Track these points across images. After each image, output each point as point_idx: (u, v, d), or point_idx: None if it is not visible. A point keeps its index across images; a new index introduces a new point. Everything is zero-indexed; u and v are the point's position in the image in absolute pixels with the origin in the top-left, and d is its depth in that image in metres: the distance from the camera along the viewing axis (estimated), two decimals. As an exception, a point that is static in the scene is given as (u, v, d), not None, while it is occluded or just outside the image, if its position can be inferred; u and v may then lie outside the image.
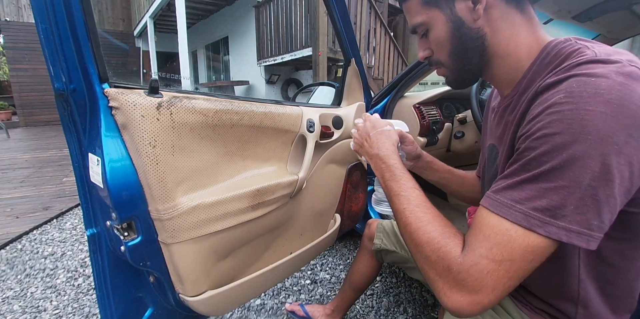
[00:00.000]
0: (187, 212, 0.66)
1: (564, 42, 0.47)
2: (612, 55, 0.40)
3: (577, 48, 0.44)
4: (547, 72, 0.46)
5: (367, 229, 1.05)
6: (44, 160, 3.94)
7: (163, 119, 0.62)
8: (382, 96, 1.41)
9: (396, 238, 0.96)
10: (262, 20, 5.47)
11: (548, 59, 0.47)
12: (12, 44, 7.24)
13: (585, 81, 0.38)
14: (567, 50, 0.45)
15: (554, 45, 0.48)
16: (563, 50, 0.46)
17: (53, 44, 0.55)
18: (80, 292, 1.45)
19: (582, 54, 0.43)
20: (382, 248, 0.98)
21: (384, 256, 1.00)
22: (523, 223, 0.39)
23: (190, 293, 0.73)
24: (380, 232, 1.00)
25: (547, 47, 0.49)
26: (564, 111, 0.38)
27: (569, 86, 0.39)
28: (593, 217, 0.37)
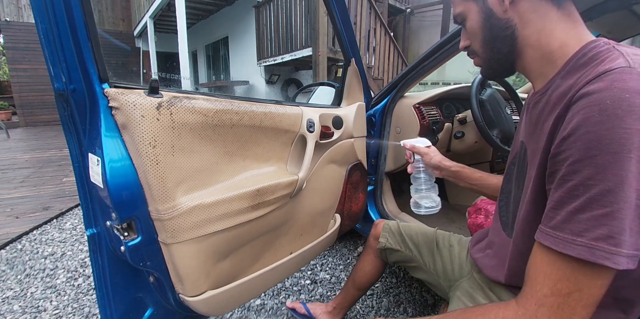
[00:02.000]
0: (187, 213, 0.66)
1: (601, 45, 0.46)
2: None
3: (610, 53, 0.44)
4: (580, 75, 0.45)
5: (373, 229, 1.06)
6: (44, 160, 3.94)
7: (163, 119, 0.62)
8: (382, 96, 1.41)
9: (401, 238, 0.98)
10: (262, 20, 5.47)
11: (583, 60, 0.47)
12: (12, 44, 7.23)
13: (619, 97, 0.37)
14: (600, 54, 0.45)
15: (592, 46, 0.47)
16: (596, 54, 0.45)
17: (53, 44, 0.55)
18: (80, 292, 1.45)
19: (611, 60, 0.42)
20: (387, 247, 0.98)
21: (388, 255, 1.01)
22: (589, 257, 0.37)
23: (190, 293, 0.73)
24: (385, 232, 1.01)
25: (585, 47, 0.48)
26: (600, 130, 0.37)
27: (603, 101, 0.38)
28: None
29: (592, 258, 0.37)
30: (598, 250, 0.37)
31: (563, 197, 0.40)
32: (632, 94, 0.37)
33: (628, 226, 0.36)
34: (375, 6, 4.68)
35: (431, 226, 1.01)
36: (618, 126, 0.36)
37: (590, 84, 0.41)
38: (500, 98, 1.47)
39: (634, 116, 0.36)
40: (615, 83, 0.38)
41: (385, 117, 1.39)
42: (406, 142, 0.93)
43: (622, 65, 0.40)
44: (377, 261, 1.04)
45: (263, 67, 5.90)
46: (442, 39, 1.14)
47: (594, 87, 0.40)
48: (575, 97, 0.42)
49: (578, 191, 0.39)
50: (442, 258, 0.88)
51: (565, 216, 0.40)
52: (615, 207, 0.36)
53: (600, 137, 0.37)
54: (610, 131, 0.37)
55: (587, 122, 0.38)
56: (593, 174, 0.37)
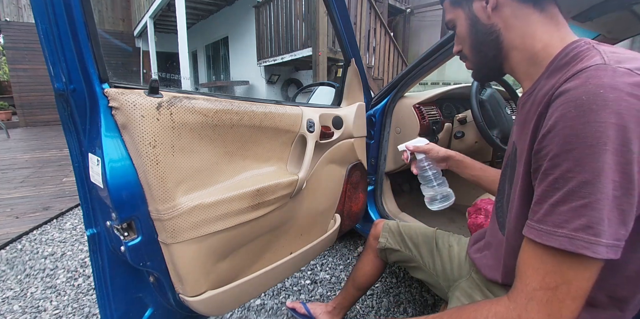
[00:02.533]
0: (187, 213, 0.66)
1: (582, 44, 0.48)
2: (622, 62, 0.41)
3: (589, 52, 0.45)
4: (561, 74, 0.46)
5: (373, 228, 1.06)
6: (44, 160, 3.94)
7: (163, 119, 0.62)
8: (382, 96, 1.41)
9: (401, 237, 0.98)
10: (262, 21, 5.47)
11: (565, 60, 0.48)
12: (12, 44, 7.23)
13: (594, 93, 0.38)
14: (580, 54, 0.46)
15: (574, 47, 0.49)
16: (577, 53, 0.47)
17: (53, 44, 0.55)
18: (80, 292, 1.45)
19: (589, 58, 0.44)
20: (387, 247, 0.99)
21: (388, 255, 1.01)
22: (569, 247, 0.38)
23: (190, 293, 0.73)
24: (385, 232, 1.01)
25: (567, 47, 0.50)
26: (576, 125, 0.39)
27: (579, 97, 0.39)
28: (620, 228, 0.38)
29: (572, 248, 0.38)
30: (577, 240, 0.38)
31: (545, 191, 0.42)
32: (606, 90, 0.38)
33: (606, 217, 0.37)
34: (375, 6, 4.68)
35: (431, 226, 1.01)
36: (593, 120, 0.37)
37: (567, 82, 0.42)
38: (500, 98, 1.47)
39: (608, 110, 0.37)
40: (590, 80, 0.40)
41: (385, 117, 1.39)
42: (407, 144, 0.94)
43: (597, 62, 0.42)
44: (377, 261, 1.04)
45: (263, 67, 5.90)
46: (442, 39, 1.14)
47: (570, 84, 0.41)
48: (555, 95, 0.43)
49: (558, 184, 0.40)
50: (441, 258, 0.88)
51: (547, 208, 0.41)
52: (593, 198, 0.37)
53: (577, 132, 0.38)
54: (586, 125, 0.38)
55: (564, 118, 0.40)
56: (571, 167, 0.39)
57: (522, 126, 0.55)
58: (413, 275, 0.98)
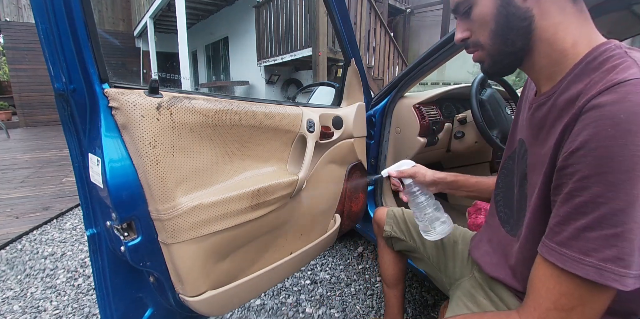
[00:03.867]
0: (187, 213, 0.66)
1: (613, 48, 0.44)
2: None
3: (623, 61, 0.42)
4: (589, 80, 0.43)
5: (375, 215, 1.04)
6: (44, 160, 3.94)
7: (163, 119, 0.62)
8: (382, 96, 1.41)
9: (405, 226, 0.96)
10: (262, 21, 5.47)
11: (594, 64, 0.44)
12: (12, 44, 7.23)
13: (634, 112, 0.36)
14: (612, 60, 0.43)
15: (604, 50, 0.45)
16: (609, 59, 0.43)
17: (53, 44, 0.55)
18: (80, 292, 1.45)
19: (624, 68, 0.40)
20: (392, 235, 0.97)
21: (394, 244, 1.00)
22: (597, 279, 0.37)
23: (190, 293, 0.73)
24: (390, 219, 0.99)
25: (595, 50, 0.46)
26: (612, 146, 0.36)
27: (616, 115, 0.36)
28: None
29: (601, 280, 0.36)
30: (607, 272, 0.36)
31: (570, 213, 0.39)
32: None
33: (637, 247, 0.35)
34: (375, 6, 4.68)
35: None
36: (632, 142, 0.35)
37: (602, 95, 0.39)
38: (500, 98, 1.47)
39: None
40: (629, 96, 0.37)
41: (385, 117, 1.39)
42: (389, 170, 0.84)
43: (636, 76, 0.38)
44: (393, 252, 1.02)
45: (263, 67, 5.90)
46: (442, 39, 1.14)
47: (606, 98, 0.38)
48: (586, 107, 0.40)
49: (587, 208, 0.37)
50: (445, 253, 0.87)
51: (572, 232, 0.38)
52: (627, 227, 0.35)
53: (612, 154, 0.36)
54: (623, 148, 0.35)
55: (598, 137, 0.37)
56: (603, 192, 0.36)
57: (538, 129, 0.52)
58: (416, 266, 0.97)
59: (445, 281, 0.85)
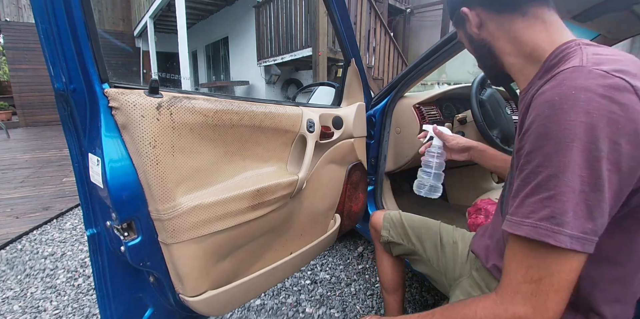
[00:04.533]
0: (187, 213, 0.66)
1: (572, 46, 0.49)
2: (601, 63, 0.42)
3: (569, 53, 0.47)
4: (550, 75, 0.47)
5: (371, 219, 1.05)
6: (44, 160, 3.94)
7: (163, 119, 0.62)
8: (382, 96, 1.41)
9: (403, 230, 0.97)
10: (262, 20, 5.47)
11: (554, 61, 0.50)
12: (12, 44, 7.23)
13: (567, 94, 0.40)
14: (567, 56, 0.48)
15: (564, 48, 0.50)
16: (565, 55, 0.48)
17: (53, 44, 0.55)
18: (80, 292, 1.45)
19: (571, 60, 0.45)
20: (390, 240, 0.98)
21: (392, 248, 1.00)
22: (533, 235, 0.40)
23: (190, 293, 0.73)
24: (387, 223, 1.00)
25: (557, 49, 0.51)
26: (548, 123, 0.41)
27: (552, 98, 0.41)
28: (587, 221, 0.39)
29: (536, 236, 0.40)
30: (541, 229, 0.40)
31: (519, 185, 0.44)
32: (578, 91, 0.40)
33: (571, 209, 0.39)
34: (375, 6, 4.68)
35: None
36: (564, 118, 0.39)
37: (546, 84, 0.45)
38: (500, 98, 1.47)
39: (578, 109, 0.39)
40: (565, 81, 0.42)
41: (385, 117, 1.39)
42: (436, 126, 0.92)
43: (575, 64, 0.43)
44: (391, 258, 1.03)
45: (263, 67, 5.90)
46: (442, 39, 1.14)
47: (547, 86, 0.44)
48: (534, 96, 0.45)
49: (529, 178, 0.42)
50: (445, 254, 0.87)
51: (518, 201, 0.43)
52: (558, 190, 0.39)
53: (548, 129, 0.40)
54: (556, 123, 0.40)
55: (538, 117, 0.42)
56: (540, 162, 0.41)
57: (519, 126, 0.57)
58: (416, 268, 0.97)
59: (446, 283, 0.85)
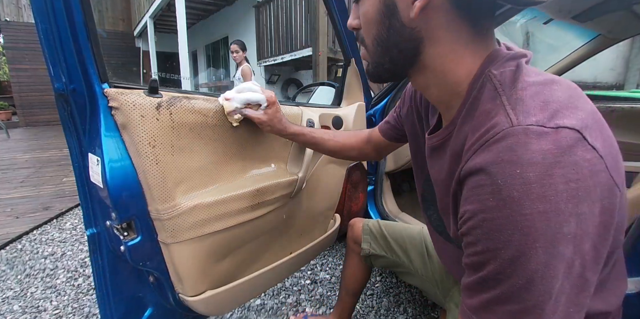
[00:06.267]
0: (187, 212, 0.66)
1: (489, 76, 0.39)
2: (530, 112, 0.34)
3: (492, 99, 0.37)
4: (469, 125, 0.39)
5: (350, 231, 0.98)
6: (44, 160, 3.94)
7: (162, 119, 0.62)
8: (382, 96, 1.41)
9: (385, 241, 0.90)
10: (262, 20, 5.48)
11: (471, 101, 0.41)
12: (12, 44, 7.23)
13: (510, 174, 0.32)
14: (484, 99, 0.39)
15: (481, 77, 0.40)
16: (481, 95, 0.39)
17: (53, 44, 0.55)
18: (80, 292, 1.45)
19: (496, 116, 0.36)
20: (371, 253, 0.92)
21: (373, 261, 0.94)
22: None
23: (189, 292, 0.73)
24: (367, 235, 0.93)
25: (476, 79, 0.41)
26: (498, 219, 0.33)
27: (493, 181, 0.33)
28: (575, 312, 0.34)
29: None
30: None
31: (477, 283, 0.37)
32: (523, 168, 0.31)
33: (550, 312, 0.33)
34: (375, 6, 4.68)
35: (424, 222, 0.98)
36: (517, 212, 0.31)
37: (476, 155, 0.35)
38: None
39: (532, 195, 0.31)
40: (501, 155, 0.33)
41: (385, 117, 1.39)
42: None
43: (503, 125, 0.34)
44: (363, 263, 0.98)
45: (263, 67, 5.90)
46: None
47: (479, 160, 0.34)
48: (464, 170, 0.37)
49: (490, 283, 0.35)
50: (433, 264, 0.82)
51: (482, 302, 0.36)
52: (529, 303, 0.33)
53: (500, 228, 0.32)
54: (509, 220, 0.32)
55: (482, 208, 0.34)
56: (500, 269, 0.33)
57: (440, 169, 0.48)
58: (405, 281, 0.92)
59: (440, 294, 0.80)
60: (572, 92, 0.36)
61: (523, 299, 0.33)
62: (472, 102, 0.40)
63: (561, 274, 0.32)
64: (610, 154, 0.34)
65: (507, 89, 0.37)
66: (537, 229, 0.31)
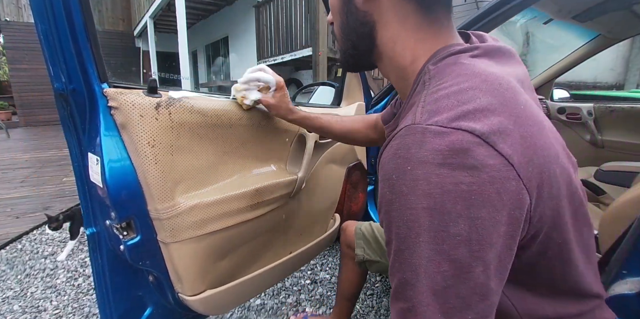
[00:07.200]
0: (186, 212, 0.66)
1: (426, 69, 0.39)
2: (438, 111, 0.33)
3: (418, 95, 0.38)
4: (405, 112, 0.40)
5: (342, 235, 0.96)
6: (44, 160, 3.94)
7: (162, 119, 0.62)
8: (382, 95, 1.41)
9: (378, 245, 0.89)
10: (262, 20, 5.48)
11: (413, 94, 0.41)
12: (12, 44, 7.24)
13: (403, 170, 0.32)
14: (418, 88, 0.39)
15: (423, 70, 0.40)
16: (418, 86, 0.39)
17: (53, 44, 0.55)
18: (80, 292, 1.45)
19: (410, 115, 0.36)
20: (366, 259, 0.91)
21: (369, 267, 0.93)
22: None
23: (189, 292, 0.73)
24: (360, 240, 0.92)
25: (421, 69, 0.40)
26: (391, 212, 0.34)
27: (390, 176, 0.34)
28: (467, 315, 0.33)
29: None
30: None
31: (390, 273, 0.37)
32: (413, 165, 0.32)
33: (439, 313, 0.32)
34: (375, 6, 4.68)
35: None
36: (405, 206, 0.32)
37: (384, 150, 0.36)
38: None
39: (418, 192, 0.31)
40: (399, 152, 0.33)
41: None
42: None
43: (407, 122, 0.35)
44: (359, 268, 0.96)
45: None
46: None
47: (385, 155, 0.36)
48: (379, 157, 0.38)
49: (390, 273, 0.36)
50: None
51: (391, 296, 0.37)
52: (414, 301, 0.32)
53: (392, 220, 0.34)
54: (398, 212, 0.33)
55: (383, 200, 0.35)
56: (393, 261, 0.35)
57: None
58: None
59: None
60: (501, 93, 0.35)
61: (409, 298, 0.33)
62: (411, 96, 0.41)
63: (451, 276, 0.31)
64: (530, 163, 0.33)
65: (432, 85, 0.37)
66: (420, 224, 0.31)
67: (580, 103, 1.96)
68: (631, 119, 1.78)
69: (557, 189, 0.36)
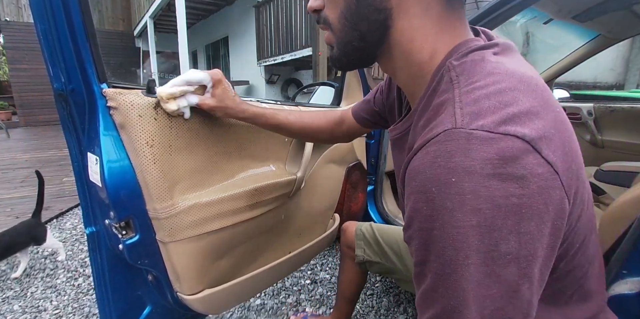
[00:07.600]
0: (185, 211, 0.66)
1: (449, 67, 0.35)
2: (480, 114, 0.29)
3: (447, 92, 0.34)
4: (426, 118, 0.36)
5: (343, 236, 0.95)
6: (44, 160, 3.95)
7: (160, 119, 0.62)
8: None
9: (379, 247, 0.88)
10: (262, 20, 5.48)
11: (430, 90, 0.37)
12: (12, 44, 7.24)
13: (445, 182, 0.29)
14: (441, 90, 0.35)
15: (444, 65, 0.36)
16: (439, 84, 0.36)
17: (52, 44, 0.55)
18: (80, 292, 1.45)
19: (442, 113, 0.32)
20: (366, 260, 0.90)
21: (369, 267, 0.92)
22: None
23: (187, 291, 0.73)
24: (360, 241, 0.91)
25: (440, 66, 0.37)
26: (432, 230, 0.30)
27: (428, 189, 0.30)
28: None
29: None
30: None
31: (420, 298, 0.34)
32: (459, 176, 0.28)
33: None
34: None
35: None
36: (450, 224, 0.29)
37: (416, 157, 0.32)
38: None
39: (466, 207, 0.28)
40: (438, 160, 0.29)
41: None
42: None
43: (446, 126, 0.30)
44: (359, 269, 0.96)
45: (263, 67, 5.90)
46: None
47: (417, 162, 0.31)
48: (405, 173, 0.34)
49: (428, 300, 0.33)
50: None
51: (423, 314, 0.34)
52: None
53: (433, 239, 0.30)
54: (441, 231, 0.29)
55: (417, 216, 0.31)
56: (435, 286, 0.31)
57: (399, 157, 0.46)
58: (402, 287, 0.91)
59: None
60: (539, 95, 0.32)
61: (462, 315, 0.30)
62: (431, 94, 0.37)
63: (500, 297, 0.29)
64: (570, 170, 0.31)
65: (463, 83, 0.33)
66: (469, 244, 0.28)
67: (580, 103, 1.96)
68: (631, 119, 1.78)
69: (585, 194, 0.35)
